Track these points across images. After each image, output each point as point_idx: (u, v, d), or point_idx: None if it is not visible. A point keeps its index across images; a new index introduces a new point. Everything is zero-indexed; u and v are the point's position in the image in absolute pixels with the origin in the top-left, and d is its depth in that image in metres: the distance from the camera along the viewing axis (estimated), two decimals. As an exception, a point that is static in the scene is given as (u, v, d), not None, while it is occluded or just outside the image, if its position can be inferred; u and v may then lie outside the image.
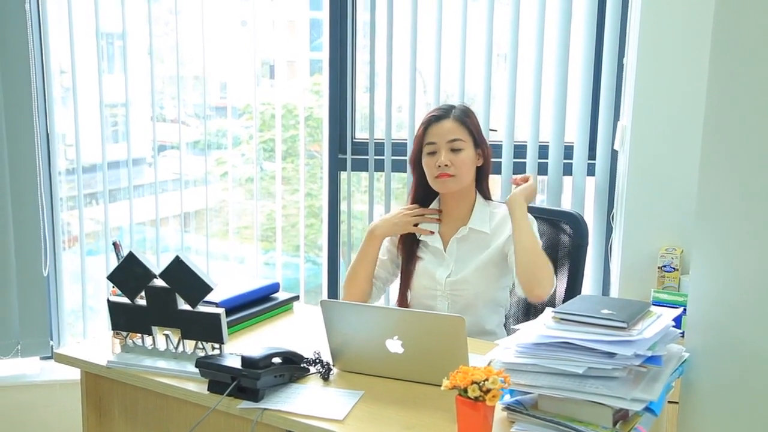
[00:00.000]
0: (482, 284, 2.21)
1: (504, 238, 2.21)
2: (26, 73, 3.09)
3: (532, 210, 2.35)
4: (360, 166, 3.20)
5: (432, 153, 2.21)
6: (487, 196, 2.31)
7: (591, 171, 3.06)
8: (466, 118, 2.23)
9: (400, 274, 2.33)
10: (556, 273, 2.30)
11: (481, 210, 2.26)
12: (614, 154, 3.01)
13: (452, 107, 2.25)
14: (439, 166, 2.18)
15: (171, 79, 3.34)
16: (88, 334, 3.36)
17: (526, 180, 2.26)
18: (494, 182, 3.14)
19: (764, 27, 1.40)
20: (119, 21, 3.21)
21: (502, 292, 2.28)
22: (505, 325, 2.33)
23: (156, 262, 3.36)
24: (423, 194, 2.31)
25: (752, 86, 1.44)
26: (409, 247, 2.30)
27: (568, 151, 3.06)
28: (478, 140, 2.23)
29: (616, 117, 2.99)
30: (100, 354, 1.95)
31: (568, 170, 3.07)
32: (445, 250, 2.25)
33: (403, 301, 2.28)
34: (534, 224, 2.20)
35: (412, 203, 2.32)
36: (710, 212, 1.59)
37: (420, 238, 2.29)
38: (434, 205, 2.31)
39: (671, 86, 2.69)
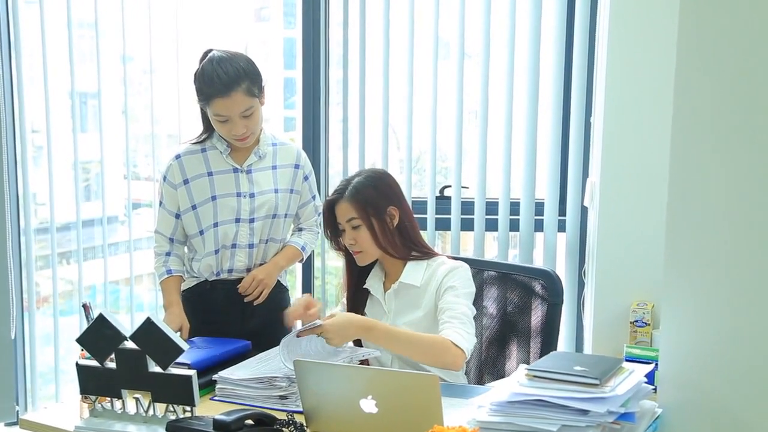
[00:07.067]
0: None
1: (431, 293, 2.20)
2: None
3: (507, 267, 2.35)
4: (334, 222, 3.21)
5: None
6: (426, 252, 2.27)
7: (562, 227, 3.10)
8: (357, 195, 2.20)
9: None
10: (530, 332, 2.31)
11: (415, 265, 2.25)
12: (584, 210, 3.05)
13: (346, 188, 2.21)
14: (351, 244, 2.22)
15: (145, 137, 3.35)
16: (61, 398, 3.28)
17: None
18: (467, 238, 3.18)
19: (724, 82, 1.45)
20: (94, 81, 3.23)
21: None
22: (467, 372, 2.32)
23: (130, 321, 3.32)
24: (358, 270, 2.31)
25: (716, 142, 1.48)
26: (358, 299, 2.32)
27: (539, 208, 3.10)
28: (375, 211, 2.20)
29: (585, 174, 3.04)
30: (67, 419, 1.90)
31: (539, 226, 3.11)
32: (384, 303, 2.28)
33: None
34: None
35: (348, 284, 2.33)
36: (678, 266, 1.61)
37: (367, 287, 2.30)
38: (376, 267, 2.32)
39: (638, 143, 2.74)
